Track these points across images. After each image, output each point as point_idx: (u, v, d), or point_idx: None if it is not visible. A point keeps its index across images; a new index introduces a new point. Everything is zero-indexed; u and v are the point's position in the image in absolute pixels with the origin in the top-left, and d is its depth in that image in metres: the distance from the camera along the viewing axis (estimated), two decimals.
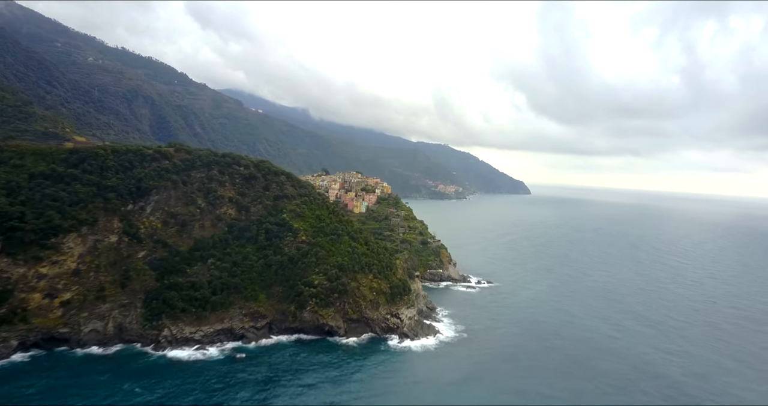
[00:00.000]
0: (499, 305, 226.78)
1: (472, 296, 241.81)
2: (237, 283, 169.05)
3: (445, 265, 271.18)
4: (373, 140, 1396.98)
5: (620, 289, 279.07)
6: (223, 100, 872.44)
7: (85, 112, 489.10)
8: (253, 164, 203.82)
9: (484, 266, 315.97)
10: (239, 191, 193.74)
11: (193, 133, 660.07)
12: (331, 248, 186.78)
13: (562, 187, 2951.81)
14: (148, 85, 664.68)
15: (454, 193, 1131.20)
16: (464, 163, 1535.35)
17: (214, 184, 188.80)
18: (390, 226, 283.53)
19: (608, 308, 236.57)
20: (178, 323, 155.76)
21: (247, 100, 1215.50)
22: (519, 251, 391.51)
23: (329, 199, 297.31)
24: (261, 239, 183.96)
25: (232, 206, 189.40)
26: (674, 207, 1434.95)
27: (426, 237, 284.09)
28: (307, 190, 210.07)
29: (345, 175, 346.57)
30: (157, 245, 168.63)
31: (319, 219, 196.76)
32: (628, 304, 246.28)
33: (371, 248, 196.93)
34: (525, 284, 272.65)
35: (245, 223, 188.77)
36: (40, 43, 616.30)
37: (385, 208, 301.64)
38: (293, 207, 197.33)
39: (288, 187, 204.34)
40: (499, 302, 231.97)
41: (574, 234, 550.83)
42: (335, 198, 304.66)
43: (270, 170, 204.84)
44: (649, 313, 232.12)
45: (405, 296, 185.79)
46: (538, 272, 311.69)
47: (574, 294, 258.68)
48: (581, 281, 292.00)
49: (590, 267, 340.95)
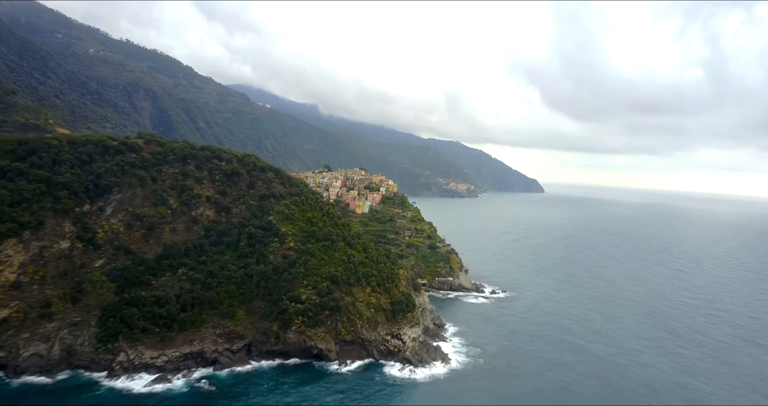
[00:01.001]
0: (518, 320, 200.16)
1: (485, 308, 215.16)
2: (211, 297, 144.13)
3: (455, 272, 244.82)
4: (383, 137, 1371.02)
5: (651, 301, 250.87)
6: (229, 94, 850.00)
7: (81, 104, 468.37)
8: (236, 159, 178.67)
9: (499, 272, 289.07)
10: (219, 190, 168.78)
11: (195, 127, 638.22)
12: (323, 256, 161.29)
13: (574, 185, 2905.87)
14: (150, 78, 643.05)
15: (466, 191, 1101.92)
16: (476, 161, 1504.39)
17: (190, 181, 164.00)
18: (395, 228, 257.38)
19: (640, 323, 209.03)
20: (138, 346, 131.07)
21: (255, 95, 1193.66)
22: (536, 256, 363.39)
23: (325, 199, 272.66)
24: (242, 245, 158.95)
25: (210, 207, 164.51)
26: (695, 208, 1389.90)
27: (434, 241, 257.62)
28: (299, 189, 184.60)
29: (347, 172, 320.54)
30: (118, 252, 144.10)
31: (311, 222, 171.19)
32: (662, 319, 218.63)
33: (370, 255, 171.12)
34: (545, 295, 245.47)
35: (225, 226, 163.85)
36: (39, 34, 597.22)
37: (390, 208, 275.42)
38: (281, 208, 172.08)
39: (276, 186, 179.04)
40: (517, 317, 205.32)
41: (595, 237, 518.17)
42: (336, 197, 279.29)
43: (256, 166, 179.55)
44: (685, 329, 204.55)
45: (408, 312, 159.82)
46: (559, 280, 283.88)
47: (600, 306, 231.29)
48: (608, 292, 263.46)
49: (617, 275, 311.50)
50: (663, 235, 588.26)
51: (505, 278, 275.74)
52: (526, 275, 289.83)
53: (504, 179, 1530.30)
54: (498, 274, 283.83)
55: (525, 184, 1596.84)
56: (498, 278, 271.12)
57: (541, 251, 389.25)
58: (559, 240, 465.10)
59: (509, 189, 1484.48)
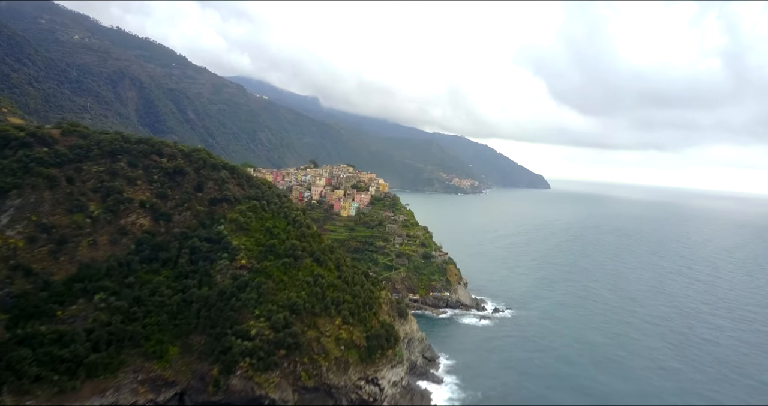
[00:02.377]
0: (526, 349, 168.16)
1: (486, 331, 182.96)
2: (135, 331, 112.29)
3: (452, 286, 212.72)
4: (386, 131, 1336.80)
5: (680, 321, 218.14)
6: (224, 85, 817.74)
7: (57, 93, 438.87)
8: (181, 154, 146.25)
9: (502, 283, 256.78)
10: (158, 192, 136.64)
11: (185, 119, 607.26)
12: (282, 277, 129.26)
13: (580, 181, 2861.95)
14: (138, 67, 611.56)
15: (470, 187, 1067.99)
16: (481, 156, 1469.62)
17: (120, 181, 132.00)
18: (384, 234, 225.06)
19: (672, 353, 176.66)
20: (26, 400, 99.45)
21: (254, 87, 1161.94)
22: (544, 263, 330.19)
23: (305, 200, 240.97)
24: (183, 262, 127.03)
25: (145, 214, 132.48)
26: (707, 206, 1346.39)
27: (429, 249, 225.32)
28: (261, 192, 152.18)
29: (333, 168, 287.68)
30: (15, 273, 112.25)
31: (271, 233, 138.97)
32: (702, 346, 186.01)
33: (344, 275, 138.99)
34: (555, 313, 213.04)
35: (163, 238, 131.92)
36: (20, 20, 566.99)
37: (379, 210, 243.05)
38: (236, 215, 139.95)
39: (231, 187, 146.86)
40: (525, 345, 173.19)
41: (606, 239, 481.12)
42: (319, 197, 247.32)
43: (206, 162, 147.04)
44: (732, 358, 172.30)
45: (389, 349, 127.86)
46: (570, 293, 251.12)
47: (621, 329, 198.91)
48: (628, 309, 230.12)
49: (638, 288, 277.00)
50: (677, 237, 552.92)
51: (510, 290, 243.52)
52: (532, 286, 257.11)
53: (509, 175, 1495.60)
54: (501, 285, 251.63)
55: (531, 180, 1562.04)
56: (501, 291, 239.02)
57: (549, 256, 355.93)
58: (567, 243, 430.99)
59: (514, 185, 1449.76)
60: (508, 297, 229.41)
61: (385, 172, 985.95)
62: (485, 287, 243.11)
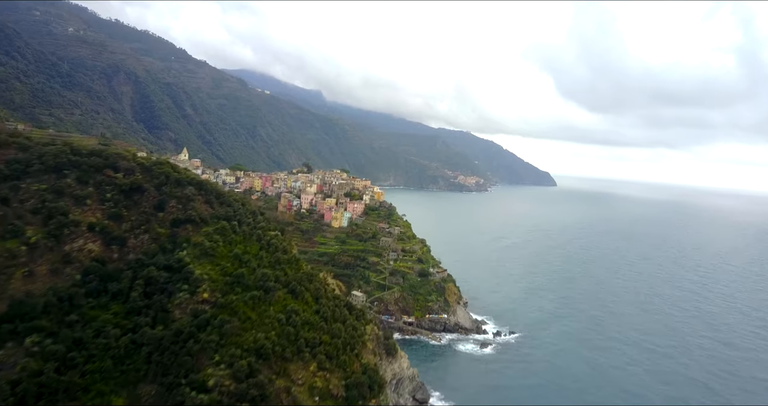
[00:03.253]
0: (532, 385, 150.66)
1: (487, 362, 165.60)
2: (71, 382, 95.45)
3: (451, 307, 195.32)
4: (391, 126, 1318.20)
5: (725, 353, 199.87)
6: (224, 79, 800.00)
7: (47, 87, 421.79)
8: (141, 168, 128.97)
9: (506, 300, 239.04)
10: (111, 213, 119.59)
11: (182, 114, 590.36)
12: (250, 313, 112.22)
13: (587, 178, 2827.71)
14: (134, 60, 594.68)
15: (475, 185, 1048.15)
16: (487, 152, 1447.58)
17: (66, 201, 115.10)
18: (378, 248, 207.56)
19: (718, 389, 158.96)
20: None
21: (258, 80, 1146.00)
22: (551, 274, 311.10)
23: (294, 209, 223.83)
24: (135, 295, 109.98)
25: (94, 238, 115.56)
26: (716, 205, 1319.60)
27: (427, 265, 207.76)
28: (232, 210, 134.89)
29: (326, 174, 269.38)
30: None
31: (240, 261, 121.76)
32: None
33: (323, 309, 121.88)
34: (565, 336, 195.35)
35: (115, 266, 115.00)
36: (13, 11, 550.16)
37: (374, 221, 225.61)
38: (201, 239, 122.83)
39: (198, 206, 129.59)
40: (533, 378, 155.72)
41: (617, 246, 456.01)
42: (310, 206, 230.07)
43: (169, 178, 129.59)
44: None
45: (372, 398, 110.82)
46: (582, 311, 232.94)
47: (643, 357, 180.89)
48: (651, 333, 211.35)
49: (665, 303, 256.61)
50: (693, 242, 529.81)
51: (514, 308, 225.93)
52: (539, 303, 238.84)
53: (515, 172, 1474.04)
54: (505, 302, 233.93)
55: (537, 177, 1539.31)
56: (505, 309, 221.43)
57: (557, 266, 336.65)
58: (576, 250, 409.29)
59: (521, 182, 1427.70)
60: (511, 316, 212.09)
61: (389, 170, 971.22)
62: (486, 303, 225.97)
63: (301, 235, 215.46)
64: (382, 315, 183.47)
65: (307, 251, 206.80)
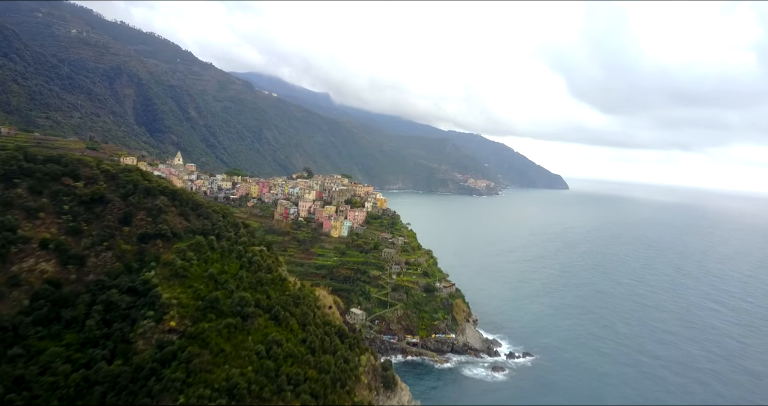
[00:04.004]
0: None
1: (498, 391, 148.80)
2: None
3: (459, 325, 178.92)
4: (400, 128, 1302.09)
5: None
6: (230, 81, 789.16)
7: (45, 90, 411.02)
8: (105, 175, 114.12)
9: (520, 314, 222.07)
10: (69, 228, 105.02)
11: (185, 117, 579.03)
12: (224, 345, 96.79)
13: (599, 180, 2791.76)
14: (137, 62, 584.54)
15: (485, 188, 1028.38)
16: (497, 155, 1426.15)
17: (15, 214, 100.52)
18: (380, 261, 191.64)
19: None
20: None
21: (266, 83, 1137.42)
22: (566, 283, 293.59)
23: (291, 217, 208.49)
24: (92, 323, 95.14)
25: (47, 257, 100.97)
26: (733, 208, 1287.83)
27: (433, 279, 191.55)
28: (211, 223, 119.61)
29: (326, 180, 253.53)
30: None
31: (216, 282, 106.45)
32: None
33: (311, 338, 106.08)
34: (588, 359, 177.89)
35: (71, 289, 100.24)
36: (15, 12, 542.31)
37: (376, 230, 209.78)
38: (172, 257, 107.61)
39: (171, 218, 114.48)
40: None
41: (635, 254, 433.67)
42: (308, 214, 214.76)
43: (138, 186, 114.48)
44: None
45: None
46: (602, 326, 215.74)
47: (690, 383, 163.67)
48: (690, 350, 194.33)
49: (683, 324, 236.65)
50: (712, 249, 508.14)
51: (529, 325, 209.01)
52: (554, 319, 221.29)
53: (527, 174, 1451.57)
54: (518, 318, 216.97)
55: (549, 180, 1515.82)
56: (519, 327, 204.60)
57: (572, 275, 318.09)
58: (597, 259, 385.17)
59: (532, 185, 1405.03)
60: (527, 334, 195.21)
61: (398, 173, 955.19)
62: (498, 319, 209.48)
63: (297, 245, 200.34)
64: (383, 335, 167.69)
65: (304, 263, 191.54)
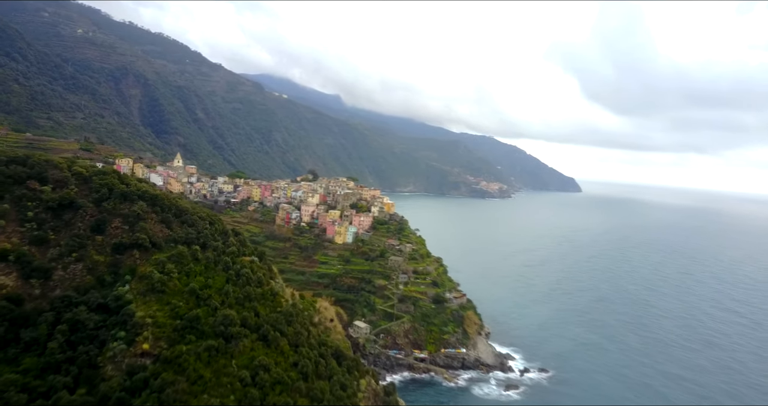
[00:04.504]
0: None
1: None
2: None
3: (471, 339, 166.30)
4: (412, 130, 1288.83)
5: None
6: (239, 82, 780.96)
7: (47, 90, 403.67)
8: (77, 178, 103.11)
9: (535, 325, 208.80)
10: (33, 237, 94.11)
11: (193, 118, 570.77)
12: (203, 371, 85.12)
13: (613, 183, 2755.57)
14: (144, 62, 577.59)
15: (498, 191, 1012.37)
16: (510, 157, 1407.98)
17: None
18: (386, 269, 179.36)
19: None
20: None
21: (277, 84, 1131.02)
22: (586, 291, 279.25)
23: (293, 222, 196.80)
24: (55, 346, 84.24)
25: (8, 270, 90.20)
26: (750, 213, 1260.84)
27: (443, 289, 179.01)
28: (196, 231, 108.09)
29: (330, 182, 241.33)
30: None
31: (198, 298, 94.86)
32: None
33: (303, 362, 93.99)
34: (608, 375, 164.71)
35: (34, 306, 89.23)
36: (21, 12, 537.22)
37: (382, 237, 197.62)
38: (149, 270, 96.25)
39: (150, 226, 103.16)
40: None
41: (661, 258, 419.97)
42: (311, 218, 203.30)
43: (113, 190, 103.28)
44: None
45: None
46: (627, 338, 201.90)
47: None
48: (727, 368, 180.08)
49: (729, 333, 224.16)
50: (739, 260, 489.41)
51: (544, 337, 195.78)
52: (573, 330, 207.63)
53: (539, 177, 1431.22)
54: (533, 329, 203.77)
55: (562, 183, 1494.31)
56: (534, 339, 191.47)
57: (592, 284, 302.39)
58: (613, 265, 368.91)
59: (545, 188, 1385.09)
60: (542, 347, 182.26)
61: (409, 175, 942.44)
62: (512, 331, 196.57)
63: (299, 252, 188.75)
64: (388, 350, 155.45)
65: (305, 271, 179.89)
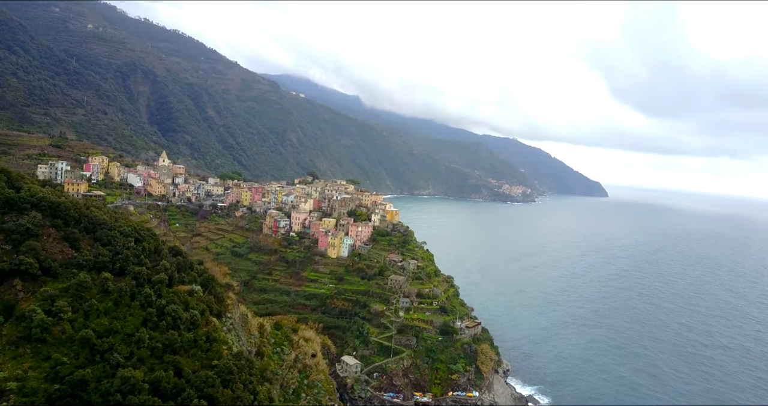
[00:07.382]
0: None
1: None
2: None
3: (486, 379, 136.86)
4: (433, 132, 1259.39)
5: None
6: (255, 80, 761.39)
7: (48, 85, 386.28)
8: None
9: (562, 355, 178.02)
10: None
11: (203, 116, 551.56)
12: None
13: (640, 188, 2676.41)
14: (154, 59, 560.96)
15: (521, 195, 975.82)
16: (534, 160, 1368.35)
17: None
18: (385, 291, 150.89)
19: None
20: None
21: (296, 84, 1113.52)
22: (619, 309, 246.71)
23: (282, 232, 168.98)
24: None
25: None
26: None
27: (453, 317, 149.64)
28: (112, 250, 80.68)
29: (326, 186, 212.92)
30: None
31: (93, 350, 67.34)
32: None
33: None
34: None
35: None
36: (31, 7, 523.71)
37: (383, 250, 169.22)
38: (32, 307, 69.05)
39: (48, 244, 76.14)
40: None
41: (700, 271, 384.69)
42: (302, 227, 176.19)
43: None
44: None
45: None
46: (667, 370, 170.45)
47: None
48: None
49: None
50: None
51: (572, 370, 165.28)
52: (609, 364, 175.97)
53: (564, 181, 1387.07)
54: (560, 361, 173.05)
55: (587, 187, 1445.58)
56: (561, 374, 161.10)
57: (622, 301, 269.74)
58: (648, 280, 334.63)
59: (570, 192, 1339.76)
60: (571, 384, 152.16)
61: (428, 178, 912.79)
62: (536, 364, 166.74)
63: (285, 267, 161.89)
64: (383, 393, 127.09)
65: (290, 291, 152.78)
